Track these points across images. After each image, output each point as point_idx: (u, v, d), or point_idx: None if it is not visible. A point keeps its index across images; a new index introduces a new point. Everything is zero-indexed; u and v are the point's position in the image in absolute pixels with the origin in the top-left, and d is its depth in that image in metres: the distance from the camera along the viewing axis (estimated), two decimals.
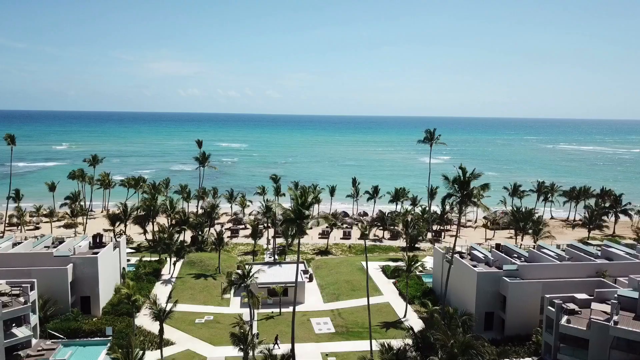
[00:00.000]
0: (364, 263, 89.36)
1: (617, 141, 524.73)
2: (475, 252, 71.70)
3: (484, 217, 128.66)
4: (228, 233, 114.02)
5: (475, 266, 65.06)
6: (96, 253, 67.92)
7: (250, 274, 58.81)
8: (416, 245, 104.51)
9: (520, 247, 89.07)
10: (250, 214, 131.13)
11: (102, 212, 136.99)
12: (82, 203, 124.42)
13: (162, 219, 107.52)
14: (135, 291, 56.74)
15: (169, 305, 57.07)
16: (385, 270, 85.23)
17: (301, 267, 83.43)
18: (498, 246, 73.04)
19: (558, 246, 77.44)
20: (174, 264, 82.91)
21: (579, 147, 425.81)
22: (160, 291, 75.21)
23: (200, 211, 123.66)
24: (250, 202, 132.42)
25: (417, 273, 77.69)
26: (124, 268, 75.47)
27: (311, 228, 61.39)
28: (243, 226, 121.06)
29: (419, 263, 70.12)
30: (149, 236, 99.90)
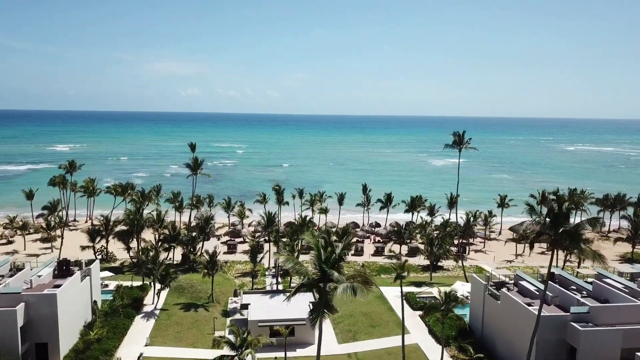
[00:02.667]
0: (383, 289, 76.32)
1: (634, 141, 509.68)
2: (523, 282, 58.43)
3: (510, 229, 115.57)
4: (224, 248, 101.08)
5: (529, 304, 51.89)
6: (58, 286, 54.91)
7: (246, 343, 43.46)
8: (439, 264, 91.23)
9: (562, 269, 76.12)
10: (249, 225, 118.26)
11: (86, 222, 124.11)
12: (61, 213, 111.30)
13: (149, 234, 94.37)
14: None
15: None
16: (409, 299, 71.99)
17: (308, 294, 70.35)
18: (552, 276, 59.74)
19: (621, 274, 64.30)
20: (158, 293, 69.66)
21: (594, 148, 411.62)
22: (140, 329, 62.13)
23: (193, 222, 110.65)
24: (250, 210, 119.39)
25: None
26: (95, 302, 62.24)
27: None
28: (242, 239, 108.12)
29: (459, 299, 56.76)
30: (135, 252, 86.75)
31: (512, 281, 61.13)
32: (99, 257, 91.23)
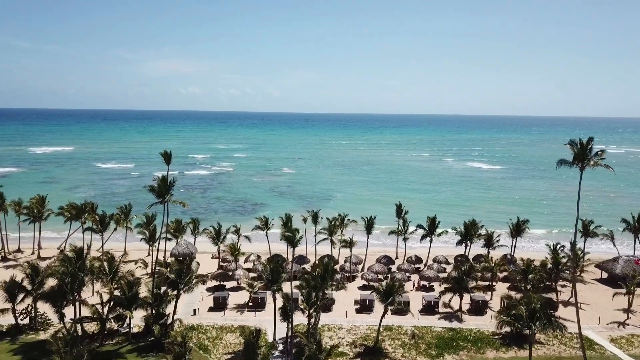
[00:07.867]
0: None
1: None
2: None
3: (597, 266, 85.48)
4: (210, 301, 71.71)
5: None
6: None
7: None
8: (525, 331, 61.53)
9: None
10: (246, 260, 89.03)
11: (32, 253, 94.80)
12: None
13: (102, 291, 64.99)
14: None
15: None
16: None
17: None
18: None
19: None
20: None
21: (617, 149, 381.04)
22: None
23: (169, 259, 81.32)
24: (248, 239, 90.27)
25: None
26: None
27: None
28: (235, 282, 78.91)
29: None
30: (60, 332, 57.18)
31: None
32: (23, 321, 62.20)
